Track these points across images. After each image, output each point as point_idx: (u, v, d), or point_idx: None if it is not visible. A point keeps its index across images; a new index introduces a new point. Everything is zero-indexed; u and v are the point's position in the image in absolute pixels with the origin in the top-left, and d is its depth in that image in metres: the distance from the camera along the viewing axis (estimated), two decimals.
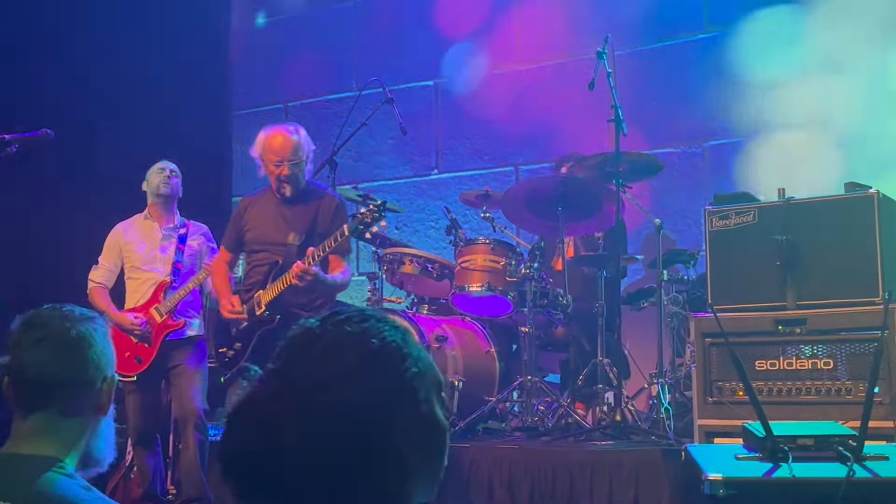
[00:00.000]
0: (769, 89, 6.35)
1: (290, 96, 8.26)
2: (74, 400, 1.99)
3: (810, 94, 6.20)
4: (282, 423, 1.14)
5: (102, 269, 5.52)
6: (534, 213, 5.42)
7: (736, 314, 4.21)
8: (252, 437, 1.16)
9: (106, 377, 2.05)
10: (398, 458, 1.17)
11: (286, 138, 4.90)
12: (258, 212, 5.07)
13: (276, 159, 4.89)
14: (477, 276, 5.36)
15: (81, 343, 2.01)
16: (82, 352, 2.01)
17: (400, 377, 1.19)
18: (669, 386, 5.09)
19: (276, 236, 4.94)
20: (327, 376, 1.16)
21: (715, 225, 4.44)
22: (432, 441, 1.22)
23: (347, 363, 1.17)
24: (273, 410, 1.16)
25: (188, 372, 5.22)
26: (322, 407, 1.14)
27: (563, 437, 4.80)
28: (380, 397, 1.17)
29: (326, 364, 1.17)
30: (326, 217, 4.91)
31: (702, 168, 6.64)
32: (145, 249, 5.46)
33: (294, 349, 1.21)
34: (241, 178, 8.31)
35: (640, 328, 5.97)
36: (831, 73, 6.18)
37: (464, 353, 5.46)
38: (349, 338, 1.19)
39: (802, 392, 4.06)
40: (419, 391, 1.20)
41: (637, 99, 6.38)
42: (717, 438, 4.13)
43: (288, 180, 4.90)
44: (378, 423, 1.16)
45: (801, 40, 6.28)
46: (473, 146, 7.50)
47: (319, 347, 1.19)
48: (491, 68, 7.43)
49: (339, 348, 1.18)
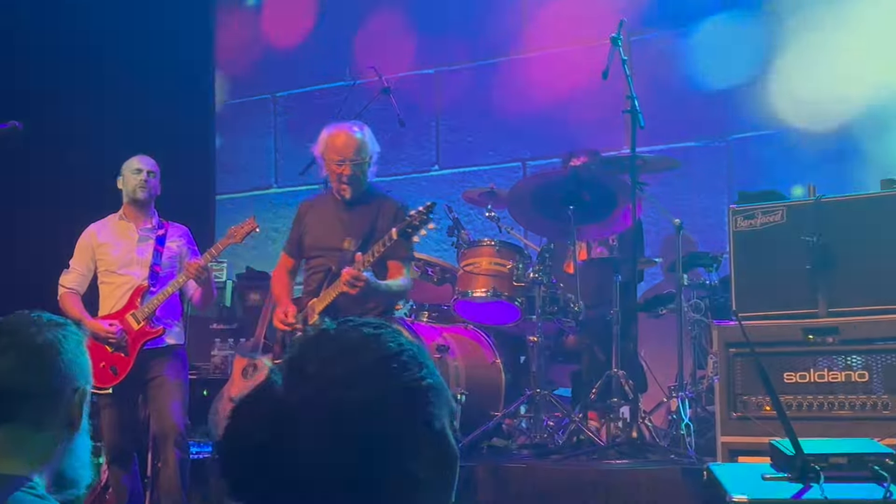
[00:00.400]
0: (799, 77, 6.34)
1: (279, 86, 8.25)
2: (42, 412, 1.98)
3: (843, 83, 6.19)
4: (295, 415, 1.19)
5: (74, 273, 5.50)
6: (543, 212, 5.41)
7: (762, 322, 4.21)
8: (263, 427, 1.20)
9: (77, 388, 2.04)
10: (406, 467, 1.21)
11: (350, 136, 5.01)
12: (317, 216, 5.19)
13: (337, 158, 4.99)
14: (481, 280, 5.35)
15: (49, 350, 2.00)
16: (50, 360, 2.00)
17: (416, 384, 1.24)
18: (690, 400, 5.08)
19: (333, 241, 5.04)
20: (343, 372, 1.21)
21: (740, 225, 4.43)
22: (442, 463, 1.26)
23: (363, 362, 1.23)
24: (286, 402, 1.20)
25: (168, 384, 5.22)
26: (336, 402, 1.19)
27: (575, 456, 4.80)
28: (394, 399, 1.22)
29: (342, 361, 1.22)
30: (386, 222, 4.97)
31: (725, 164, 6.64)
32: (121, 252, 5.45)
33: (310, 345, 1.26)
34: (226, 175, 8.32)
35: (658, 337, 5.96)
36: (867, 60, 6.18)
37: (467, 365, 5.46)
38: (366, 339, 1.25)
39: (835, 406, 4.05)
40: (433, 403, 1.25)
41: (654, 88, 6.38)
42: (742, 457, 4.12)
43: (349, 181, 5.00)
44: (391, 425, 1.21)
45: (835, 24, 6.27)
46: (477, 140, 7.50)
47: (336, 345, 1.25)
48: (496, 55, 7.43)
49: (356, 348, 1.24)
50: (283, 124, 8.19)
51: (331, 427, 1.19)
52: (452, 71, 7.60)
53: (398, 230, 4.66)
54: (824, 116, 6.22)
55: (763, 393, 4.06)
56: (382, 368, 1.23)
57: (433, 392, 1.26)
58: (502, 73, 7.39)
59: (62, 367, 2.01)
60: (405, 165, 7.67)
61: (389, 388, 1.22)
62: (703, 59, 6.65)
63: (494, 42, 7.42)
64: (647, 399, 5.48)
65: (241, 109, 8.34)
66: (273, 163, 8.18)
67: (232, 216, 8.14)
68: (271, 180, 8.18)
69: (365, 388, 1.21)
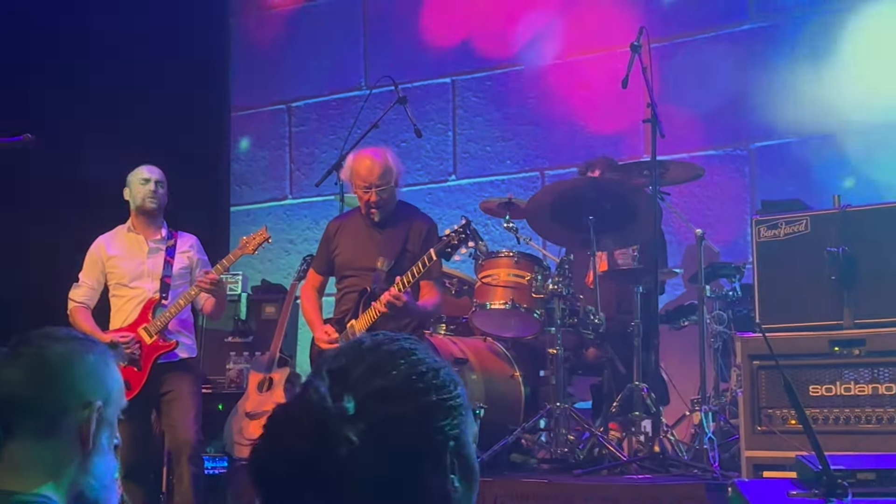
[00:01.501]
0: (823, 85, 6.31)
1: (294, 95, 8.27)
2: (46, 425, 1.98)
3: (869, 91, 6.16)
4: (337, 429, 1.22)
5: (84, 287, 5.50)
6: (562, 222, 5.40)
7: (787, 334, 4.19)
8: (305, 440, 1.22)
9: (89, 404, 2.03)
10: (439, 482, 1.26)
11: (374, 162, 5.13)
12: (348, 235, 5.31)
13: (363, 185, 5.13)
14: (500, 292, 5.34)
15: (58, 364, 2.00)
16: (58, 373, 2.00)
17: (452, 401, 1.29)
18: (713, 413, 5.05)
19: (366, 261, 5.17)
20: (384, 386, 1.25)
21: (763, 235, 4.41)
22: (469, 478, 1.30)
23: (403, 377, 1.27)
24: (329, 415, 1.23)
25: (182, 398, 5.24)
26: (377, 416, 1.23)
27: (596, 471, 4.78)
28: (433, 415, 1.26)
29: (383, 375, 1.27)
30: (417, 241, 5.17)
31: (748, 173, 6.61)
32: (131, 264, 5.46)
33: (349, 357, 1.30)
34: (240, 186, 8.34)
35: (681, 349, 5.94)
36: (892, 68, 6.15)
37: (485, 378, 5.44)
38: (404, 353, 1.30)
39: (862, 420, 4.03)
40: (464, 421, 1.30)
41: (675, 96, 6.36)
42: (767, 472, 4.11)
43: (376, 206, 5.15)
44: (430, 441, 1.25)
45: (862, 30, 6.24)
46: (494, 150, 7.50)
47: (374, 358, 1.29)
48: (513, 64, 7.43)
49: (395, 362, 1.28)
50: (298, 134, 8.21)
51: (373, 441, 1.22)
52: (469, 80, 7.60)
53: (437, 250, 4.78)
54: (848, 124, 6.18)
55: (788, 406, 4.04)
56: (422, 384, 1.27)
57: (464, 409, 1.31)
58: (520, 82, 7.39)
59: (72, 382, 2.01)
60: (422, 175, 7.67)
61: (428, 405, 1.26)
62: (723, 67, 6.62)
63: (512, 50, 7.42)
64: (669, 412, 5.46)
65: (256, 119, 8.36)
66: (288, 173, 8.20)
67: (247, 227, 8.15)
68: (286, 191, 8.19)
69: (405, 403, 1.25)
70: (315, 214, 7.84)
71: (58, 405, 1.99)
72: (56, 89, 7.08)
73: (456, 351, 5.44)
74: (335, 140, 7.58)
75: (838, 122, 6.24)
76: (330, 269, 5.41)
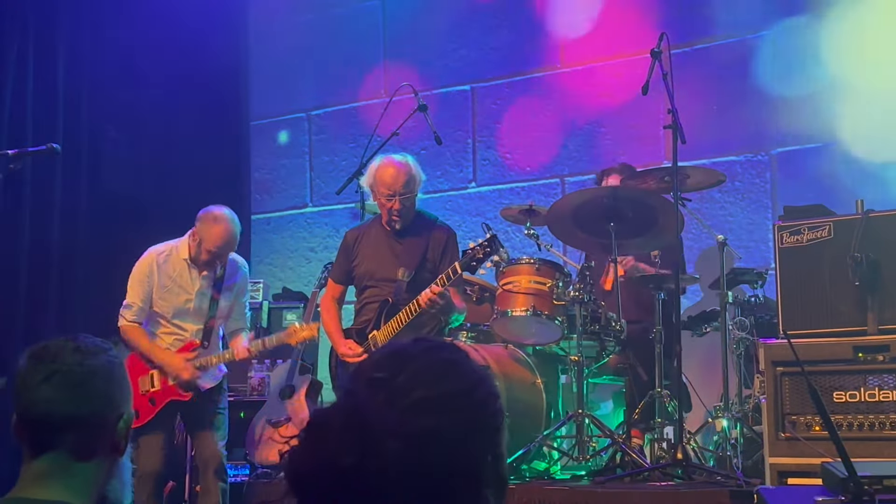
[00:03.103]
0: (846, 89, 6.28)
1: (314, 104, 8.29)
2: (88, 440, 1.99)
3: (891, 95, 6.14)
4: (383, 440, 1.22)
5: (135, 308, 5.27)
6: (583, 229, 5.40)
7: (810, 340, 4.17)
8: (348, 449, 1.22)
9: (122, 414, 2.05)
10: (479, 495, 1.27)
11: (398, 171, 5.16)
12: (367, 245, 5.34)
13: (387, 192, 5.15)
14: (521, 299, 5.34)
15: (94, 378, 2.00)
16: (95, 388, 2.00)
17: (492, 419, 1.30)
18: (736, 420, 5.04)
19: (386, 272, 5.22)
20: (424, 398, 1.25)
21: (785, 241, 4.40)
22: (501, 490, 1.32)
23: (444, 390, 1.27)
24: (375, 426, 1.23)
25: (208, 412, 5.26)
26: (424, 429, 1.23)
27: (618, 478, 4.77)
28: (478, 430, 1.27)
29: (425, 386, 1.26)
30: (437, 251, 5.24)
31: (769, 178, 6.59)
32: (178, 300, 5.30)
33: (392, 365, 1.29)
34: (261, 195, 8.36)
35: (703, 356, 5.93)
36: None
37: (507, 385, 5.43)
38: (446, 366, 1.30)
39: (887, 426, 4.01)
40: (501, 436, 1.32)
41: (695, 102, 6.35)
42: (791, 479, 4.09)
43: (399, 214, 5.18)
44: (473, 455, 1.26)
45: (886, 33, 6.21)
46: (515, 156, 7.50)
47: (418, 367, 1.29)
48: (533, 70, 7.43)
49: (437, 374, 1.28)
50: (318, 143, 8.23)
51: (417, 455, 1.22)
52: (489, 87, 7.61)
53: (462, 264, 4.85)
54: (872, 128, 6.16)
55: (812, 413, 4.03)
56: (464, 398, 1.28)
57: (503, 424, 1.32)
58: (540, 88, 7.39)
59: (108, 394, 2.02)
60: (442, 183, 7.68)
61: (471, 421, 1.27)
62: (745, 72, 6.61)
63: (531, 57, 7.43)
64: (691, 419, 5.45)
65: (276, 128, 8.39)
66: (308, 181, 8.22)
67: (267, 235, 8.20)
68: (307, 199, 8.22)
69: (449, 417, 1.25)
70: (335, 222, 7.87)
71: (97, 420, 2.00)
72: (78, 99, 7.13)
73: (477, 358, 5.44)
74: (355, 148, 7.60)
75: (860, 127, 6.21)
76: (349, 279, 5.43)
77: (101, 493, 2.04)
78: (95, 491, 2.02)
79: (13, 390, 2.02)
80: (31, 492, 1.95)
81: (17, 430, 2.02)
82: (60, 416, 1.97)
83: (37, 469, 1.98)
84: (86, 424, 1.98)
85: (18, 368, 2.02)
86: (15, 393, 2.01)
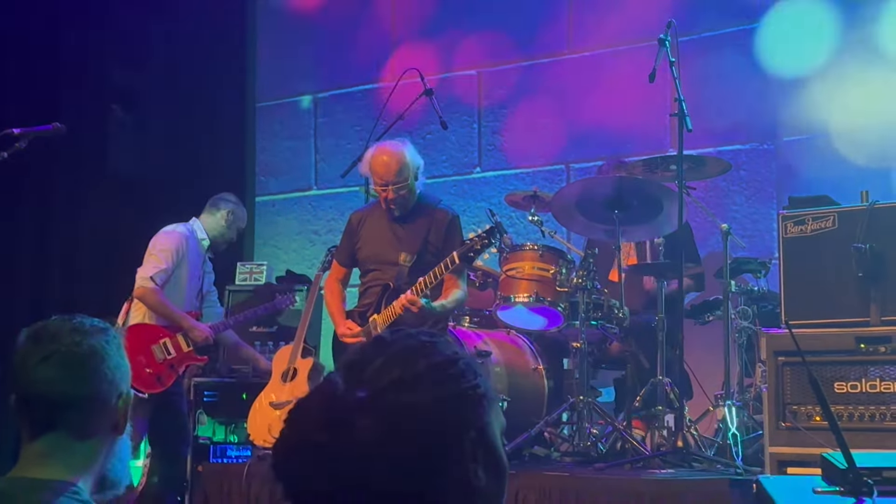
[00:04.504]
0: (854, 78, 6.25)
1: (319, 87, 8.27)
2: (88, 420, 1.99)
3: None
4: (352, 417, 1.23)
5: (164, 272, 5.66)
6: (587, 216, 5.39)
7: (812, 330, 4.17)
8: (321, 428, 1.24)
9: (122, 393, 2.05)
10: (461, 473, 1.25)
11: (390, 160, 5.10)
12: (370, 228, 5.31)
13: (380, 182, 5.12)
14: (524, 285, 5.34)
15: (94, 358, 2.00)
16: (95, 368, 2.00)
17: (471, 391, 1.29)
18: (737, 409, 5.04)
19: (388, 256, 5.19)
20: (400, 376, 1.26)
21: (789, 231, 4.39)
22: (496, 471, 1.30)
23: (420, 367, 1.27)
24: (344, 404, 1.24)
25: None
26: (393, 405, 1.24)
27: (619, 465, 4.78)
28: (450, 404, 1.26)
29: (399, 365, 1.27)
30: (438, 234, 5.18)
31: (774, 167, 6.57)
32: (194, 275, 5.81)
33: (368, 350, 1.31)
34: (266, 178, 8.36)
35: (705, 344, 5.91)
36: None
37: (509, 371, 5.45)
38: (422, 346, 1.30)
39: (887, 418, 4.01)
40: (487, 412, 1.30)
41: (702, 90, 6.32)
42: (791, 468, 4.09)
43: (394, 203, 5.15)
44: (448, 430, 1.25)
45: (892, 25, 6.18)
46: (520, 142, 7.48)
47: (393, 350, 1.29)
48: (540, 56, 7.41)
49: (412, 353, 1.29)
50: (323, 125, 8.22)
51: (388, 430, 1.22)
52: (495, 72, 7.58)
53: (460, 254, 4.79)
54: (879, 120, 6.13)
55: (813, 403, 4.03)
56: (438, 374, 1.27)
57: (487, 401, 1.30)
58: (546, 75, 7.37)
59: (107, 374, 2.02)
60: (447, 168, 7.66)
61: (446, 394, 1.26)
62: (752, 61, 6.58)
63: (538, 43, 7.40)
64: (692, 407, 5.44)
65: (281, 110, 8.37)
66: (313, 164, 8.21)
67: (272, 218, 8.20)
68: (311, 182, 8.21)
69: (422, 392, 1.25)
70: (340, 205, 7.85)
71: (96, 400, 2.00)
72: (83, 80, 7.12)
73: (479, 343, 5.45)
74: (361, 132, 7.58)
75: (868, 117, 6.18)
76: (353, 262, 5.43)
77: (102, 472, 2.05)
78: (96, 470, 2.03)
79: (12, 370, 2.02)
80: (32, 471, 1.96)
81: (16, 411, 2.02)
82: (60, 396, 1.97)
83: (37, 449, 1.98)
84: (85, 404, 1.99)
85: (17, 348, 2.02)
86: (14, 373, 2.01)
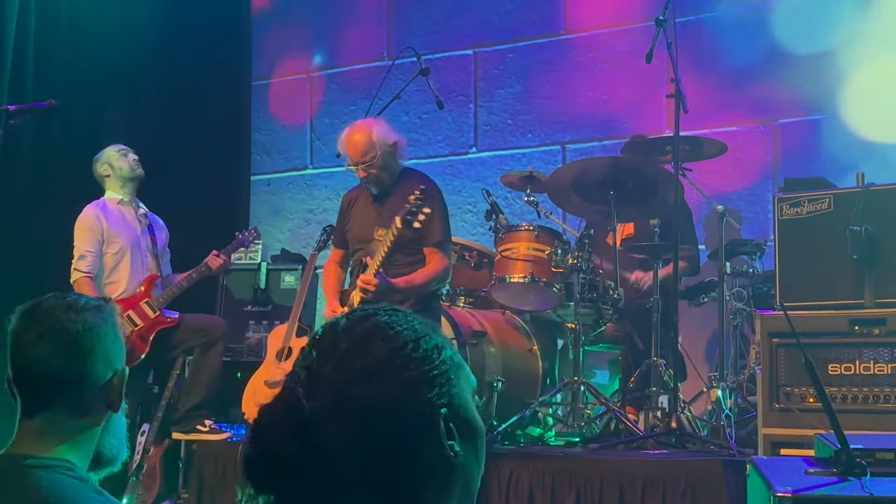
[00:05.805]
0: (851, 61, 6.24)
1: (315, 65, 8.25)
2: (83, 397, 1.99)
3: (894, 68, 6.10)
4: (319, 423, 1.20)
5: (89, 256, 5.58)
6: (583, 197, 5.40)
7: (807, 312, 4.18)
8: (290, 439, 1.20)
9: (117, 371, 2.05)
10: (437, 453, 1.23)
11: (358, 139, 5.05)
12: (357, 209, 5.28)
13: (350, 162, 5.11)
14: (519, 265, 5.34)
15: (89, 336, 2.00)
16: (90, 346, 2.00)
17: (436, 370, 1.25)
18: (731, 390, 5.06)
19: (368, 234, 5.13)
20: (359, 369, 1.22)
21: (785, 213, 4.40)
22: (471, 436, 1.28)
23: (378, 355, 1.23)
24: (309, 410, 1.21)
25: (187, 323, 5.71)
26: (356, 402, 1.20)
27: (612, 445, 4.80)
28: (415, 390, 1.23)
29: (357, 357, 1.23)
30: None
31: (771, 149, 6.57)
32: (129, 237, 5.66)
33: (323, 344, 1.26)
34: (261, 156, 8.34)
35: (699, 326, 5.94)
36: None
37: (504, 351, 5.46)
38: (379, 329, 1.26)
39: (881, 399, 4.03)
40: (453, 383, 1.26)
41: (699, 71, 6.32)
42: (784, 449, 4.11)
43: (367, 182, 5.12)
44: (416, 417, 1.22)
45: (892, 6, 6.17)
46: (516, 122, 7.48)
47: (348, 340, 1.25)
48: (536, 36, 7.39)
49: (369, 340, 1.24)
50: (319, 104, 8.20)
51: (357, 431, 1.20)
52: (492, 52, 7.56)
53: (401, 218, 4.71)
54: (876, 101, 6.13)
55: (807, 384, 4.04)
56: (399, 359, 1.23)
57: (453, 372, 1.27)
58: (542, 55, 7.35)
59: (102, 352, 2.02)
60: (442, 147, 7.65)
61: (411, 379, 1.23)
62: (749, 43, 6.56)
63: (535, 23, 7.38)
64: (686, 388, 5.46)
65: (277, 89, 8.35)
66: (309, 143, 8.20)
67: (267, 197, 8.19)
68: (307, 161, 8.19)
69: (384, 383, 1.22)
70: (335, 185, 7.83)
71: (94, 378, 2.00)
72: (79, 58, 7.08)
73: (474, 324, 5.46)
74: (356, 111, 7.55)
75: (864, 100, 6.18)
76: (346, 243, 5.40)
77: (97, 449, 2.05)
78: (92, 447, 2.03)
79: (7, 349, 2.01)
80: (28, 448, 1.96)
81: (11, 388, 2.02)
82: (56, 374, 1.97)
83: (34, 426, 1.98)
84: (81, 381, 1.99)
85: (11, 326, 2.01)
86: (9, 351, 2.00)
